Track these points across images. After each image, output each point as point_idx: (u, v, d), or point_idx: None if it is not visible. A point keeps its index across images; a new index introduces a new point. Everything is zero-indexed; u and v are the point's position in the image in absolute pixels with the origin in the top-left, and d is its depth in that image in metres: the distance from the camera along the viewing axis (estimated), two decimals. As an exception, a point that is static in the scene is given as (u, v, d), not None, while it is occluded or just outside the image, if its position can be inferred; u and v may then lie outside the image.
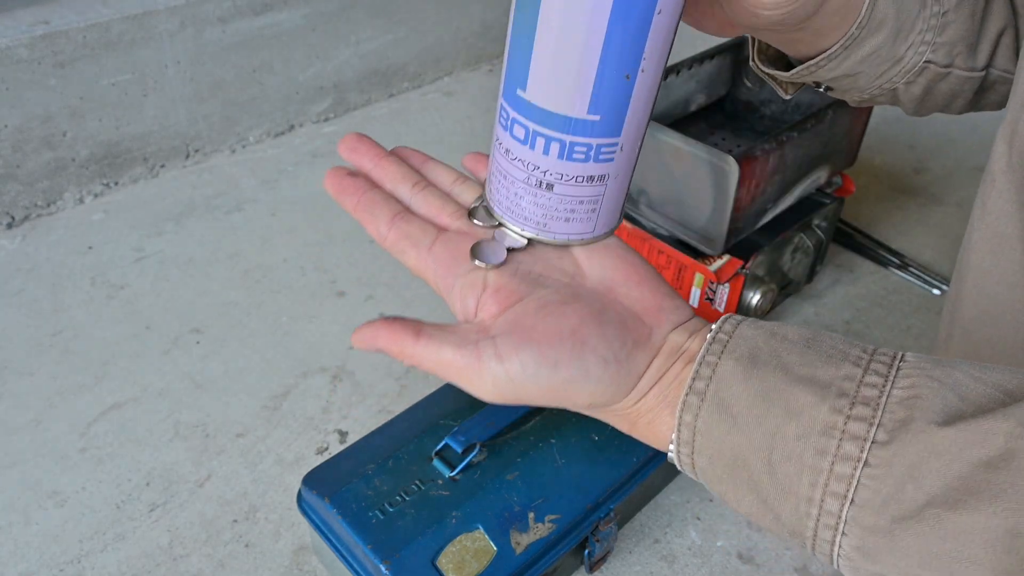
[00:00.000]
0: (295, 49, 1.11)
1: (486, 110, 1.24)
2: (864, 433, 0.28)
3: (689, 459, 0.32)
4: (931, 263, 0.93)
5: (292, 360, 0.77)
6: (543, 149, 0.34)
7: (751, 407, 0.30)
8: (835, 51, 0.46)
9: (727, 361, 0.31)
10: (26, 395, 0.72)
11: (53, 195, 0.96)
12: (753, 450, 0.30)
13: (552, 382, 0.32)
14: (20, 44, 0.87)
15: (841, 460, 0.28)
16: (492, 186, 0.38)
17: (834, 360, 0.30)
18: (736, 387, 0.30)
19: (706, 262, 0.77)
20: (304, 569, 0.59)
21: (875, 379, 0.29)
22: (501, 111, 0.36)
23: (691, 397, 0.31)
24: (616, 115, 0.33)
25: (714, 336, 0.32)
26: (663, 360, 0.33)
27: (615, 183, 0.36)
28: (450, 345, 0.32)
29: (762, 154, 0.71)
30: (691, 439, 0.31)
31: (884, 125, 1.19)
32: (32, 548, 0.60)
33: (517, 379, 0.32)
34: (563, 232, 0.37)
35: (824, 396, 0.29)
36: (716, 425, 0.31)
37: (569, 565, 0.57)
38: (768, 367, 0.30)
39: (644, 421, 0.33)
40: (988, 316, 0.46)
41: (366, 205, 0.37)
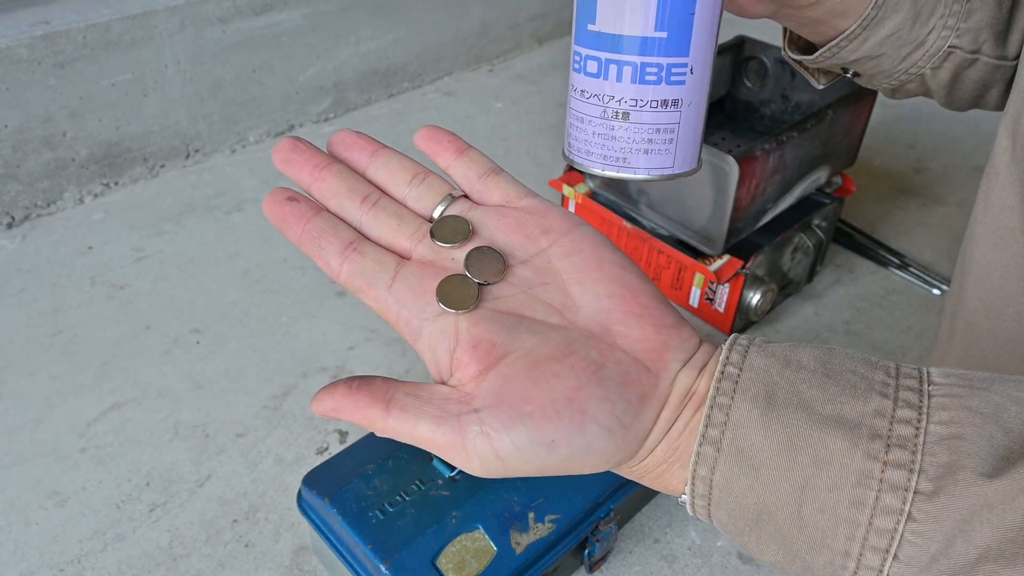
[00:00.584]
0: (295, 49, 1.11)
1: (486, 110, 1.24)
2: (905, 482, 0.25)
3: (705, 511, 0.29)
4: (931, 263, 0.93)
5: (292, 360, 0.77)
6: (616, 76, 0.35)
7: (775, 457, 0.27)
8: (854, 31, 0.47)
9: (741, 403, 0.28)
10: (26, 395, 0.72)
11: (53, 195, 0.96)
12: (780, 504, 0.27)
13: (549, 462, 0.28)
14: (20, 44, 0.87)
15: (881, 513, 0.25)
16: (570, 136, 0.39)
17: (859, 391, 0.27)
18: (755, 434, 0.27)
19: (706, 262, 0.77)
20: (304, 569, 0.59)
21: (908, 413, 0.27)
22: (574, 57, 0.37)
23: (705, 448, 0.28)
24: (682, 32, 0.34)
25: (722, 371, 0.28)
26: (671, 411, 0.29)
27: (690, 111, 0.36)
28: (428, 419, 0.28)
29: (762, 154, 0.71)
30: (707, 493, 0.28)
31: (884, 125, 1.19)
32: (32, 548, 0.60)
33: (509, 459, 0.27)
34: (644, 166, 0.37)
35: (856, 440, 0.26)
36: (736, 479, 0.27)
37: (569, 565, 0.57)
38: (788, 407, 0.27)
39: (652, 476, 0.30)
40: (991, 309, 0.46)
41: (311, 236, 0.32)
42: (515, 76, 1.35)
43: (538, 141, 1.15)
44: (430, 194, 0.34)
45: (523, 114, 1.23)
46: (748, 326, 0.82)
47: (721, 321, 0.80)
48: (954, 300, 0.50)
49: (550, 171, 1.07)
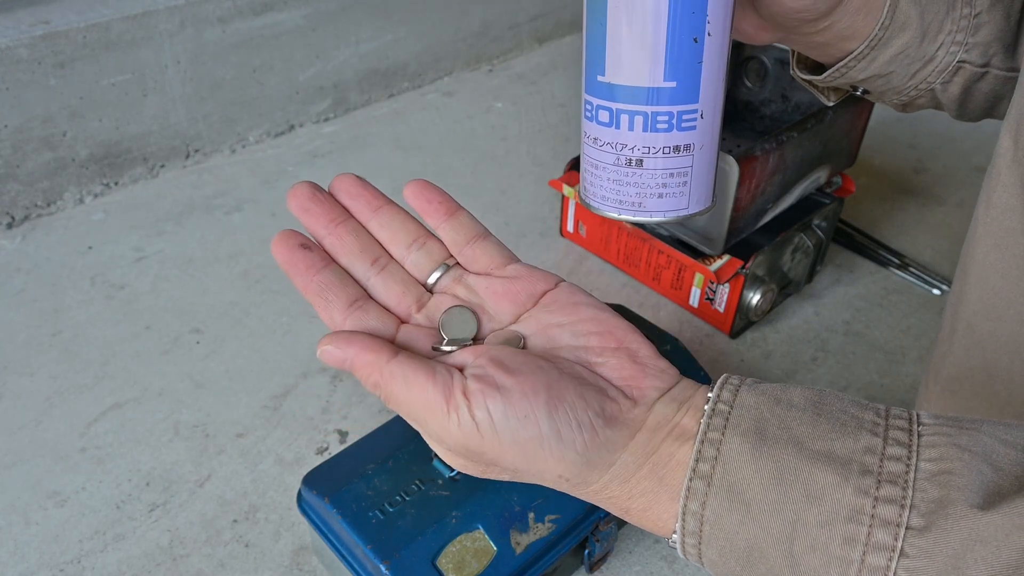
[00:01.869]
0: (295, 49, 1.11)
1: (486, 110, 1.24)
2: (896, 517, 0.25)
3: (696, 550, 0.29)
4: (931, 263, 0.93)
5: (292, 360, 0.77)
6: (628, 125, 0.36)
7: (765, 492, 0.27)
8: (862, 51, 0.48)
9: (732, 438, 0.28)
10: (26, 395, 0.72)
11: (53, 195, 0.96)
12: (771, 541, 0.27)
13: (519, 437, 0.28)
14: (20, 44, 0.87)
15: (874, 550, 0.25)
16: (586, 182, 0.40)
17: (849, 429, 0.27)
18: (746, 468, 0.27)
19: (706, 262, 0.77)
20: (304, 569, 0.59)
21: (898, 450, 0.27)
22: (585, 106, 0.38)
23: (696, 482, 0.28)
24: (691, 80, 0.35)
25: (713, 408, 0.29)
26: (649, 435, 0.30)
27: (702, 154, 0.37)
28: (425, 372, 0.30)
29: (762, 154, 0.71)
30: (698, 529, 0.28)
31: (884, 125, 1.19)
32: (32, 548, 0.60)
33: (484, 428, 0.29)
34: (659, 209, 0.38)
35: (846, 475, 0.26)
36: (727, 514, 0.27)
37: (569, 565, 0.57)
38: (779, 443, 0.27)
39: (638, 507, 0.30)
40: (992, 310, 0.46)
41: (318, 288, 0.34)
42: (515, 76, 1.35)
43: (538, 141, 1.15)
44: (428, 260, 0.36)
45: (523, 114, 1.23)
46: (748, 326, 0.82)
47: (721, 321, 0.80)
48: (955, 301, 0.50)
49: (550, 171, 1.07)
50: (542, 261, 0.91)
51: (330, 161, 1.09)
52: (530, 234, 0.96)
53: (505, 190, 1.04)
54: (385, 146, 1.14)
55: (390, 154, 1.12)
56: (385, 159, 1.10)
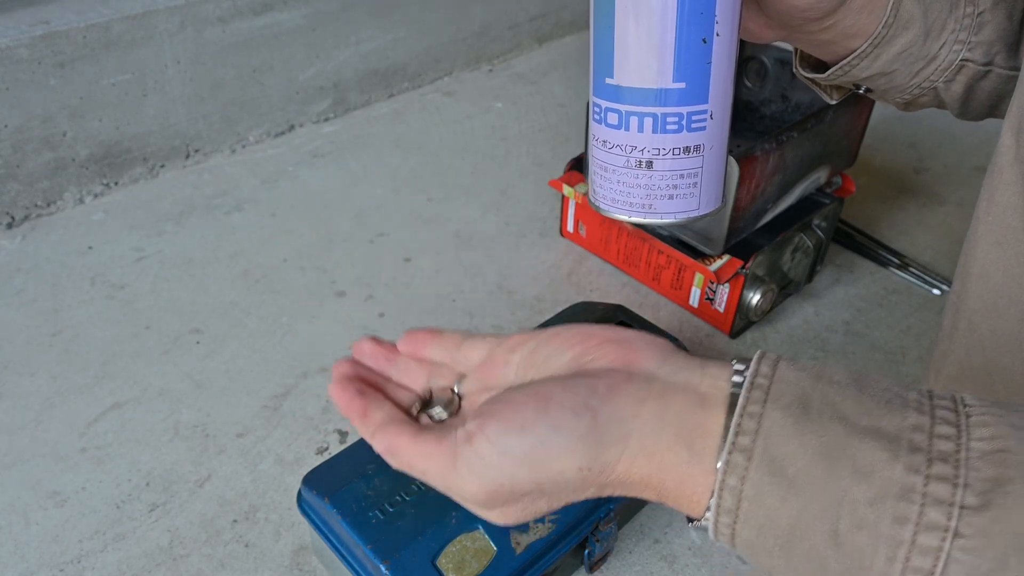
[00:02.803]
0: (295, 49, 1.11)
1: (486, 110, 1.24)
2: (949, 496, 0.24)
3: (729, 529, 0.27)
4: (931, 263, 0.93)
5: (292, 360, 0.77)
6: (638, 127, 0.36)
7: (810, 467, 0.25)
8: (865, 49, 0.48)
9: (773, 411, 0.27)
10: (26, 395, 0.72)
11: (53, 195, 0.96)
12: (815, 519, 0.25)
13: (523, 448, 0.28)
14: (20, 44, 0.87)
15: (926, 530, 0.24)
16: (595, 184, 0.40)
17: (895, 406, 0.26)
18: (790, 443, 0.26)
19: (706, 262, 0.77)
20: (304, 569, 0.59)
21: (946, 429, 0.26)
22: (593, 109, 0.38)
23: (736, 456, 0.26)
24: (700, 80, 0.35)
25: (752, 381, 0.28)
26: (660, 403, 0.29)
27: (712, 155, 0.37)
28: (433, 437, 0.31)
29: (762, 154, 0.71)
30: (735, 507, 0.27)
31: (884, 125, 1.19)
32: (32, 548, 0.60)
33: (488, 457, 0.29)
34: (669, 211, 0.38)
35: (896, 452, 0.25)
36: (768, 490, 0.26)
37: (569, 565, 0.57)
38: (824, 417, 0.26)
39: (671, 484, 0.29)
40: (993, 308, 0.46)
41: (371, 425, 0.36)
42: (515, 76, 1.35)
43: (538, 141, 1.15)
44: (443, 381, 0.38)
45: (523, 114, 1.23)
46: (748, 326, 0.82)
47: (721, 321, 0.80)
48: (956, 299, 0.50)
49: (550, 171, 1.07)
50: (542, 261, 0.91)
51: (330, 161, 1.09)
52: (530, 234, 0.96)
53: (505, 190, 1.04)
54: (385, 146, 1.13)
55: (390, 154, 1.12)
56: (385, 159, 1.10)
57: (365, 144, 1.14)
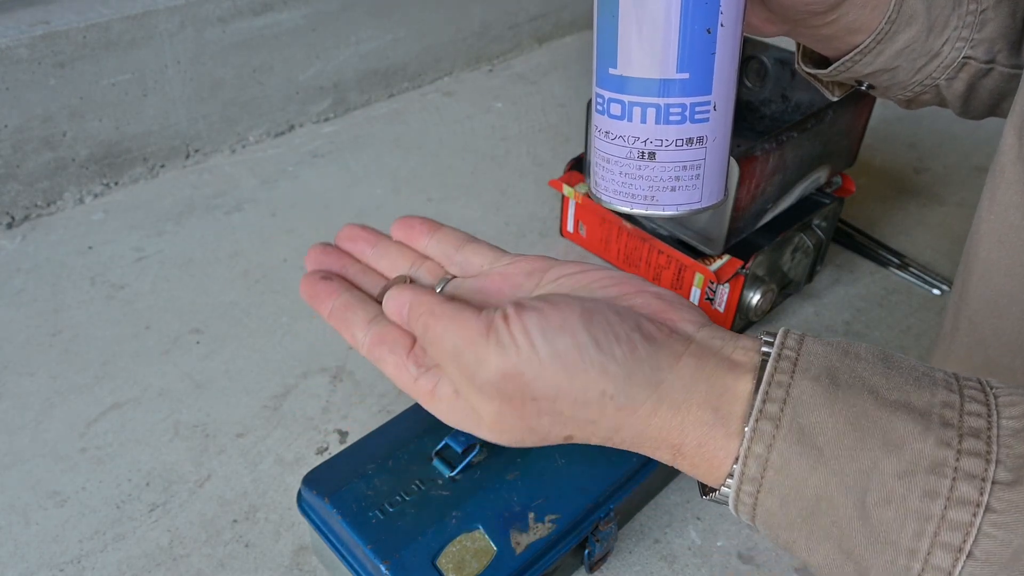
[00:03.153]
0: (295, 49, 1.11)
1: (486, 110, 1.24)
2: (981, 471, 0.24)
3: (751, 499, 0.27)
4: (931, 263, 0.92)
5: (292, 360, 0.77)
6: (640, 118, 0.36)
7: (840, 437, 0.25)
8: (868, 45, 0.48)
9: (803, 381, 0.26)
10: (26, 395, 0.72)
11: (53, 195, 0.96)
12: (842, 491, 0.25)
13: (558, 346, 0.27)
14: (20, 44, 0.87)
15: (956, 504, 0.24)
16: (597, 176, 0.39)
17: (924, 383, 0.26)
18: (819, 412, 0.26)
19: (706, 262, 0.77)
20: (304, 569, 0.59)
21: (976, 407, 0.25)
22: (596, 99, 0.38)
23: (763, 423, 0.26)
24: (704, 71, 0.35)
25: (779, 353, 0.27)
26: (696, 361, 0.28)
27: (715, 146, 0.37)
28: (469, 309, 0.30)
29: (762, 154, 0.71)
30: (759, 475, 0.26)
31: (884, 125, 1.19)
32: (32, 548, 0.60)
33: (521, 343, 0.28)
34: (671, 203, 0.37)
35: (927, 426, 0.25)
36: (796, 459, 0.26)
37: (569, 565, 0.57)
38: (853, 389, 0.26)
39: (692, 442, 0.28)
40: (995, 308, 0.46)
41: (339, 311, 0.36)
42: (515, 76, 1.35)
43: (538, 141, 1.15)
44: (428, 276, 0.37)
45: (523, 114, 1.23)
46: (748, 326, 0.82)
47: (721, 321, 0.80)
48: (957, 298, 0.50)
49: (550, 171, 1.07)
50: (542, 261, 0.91)
51: (330, 161, 1.09)
52: (530, 234, 0.96)
53: (505, 190, 1.04)
54: (385, 146, 1.14)
55: (390, 154, 1.12)
56: (385, 159, 1.10)
57: (365, 144, 1.14)
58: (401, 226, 0.39)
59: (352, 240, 0.39)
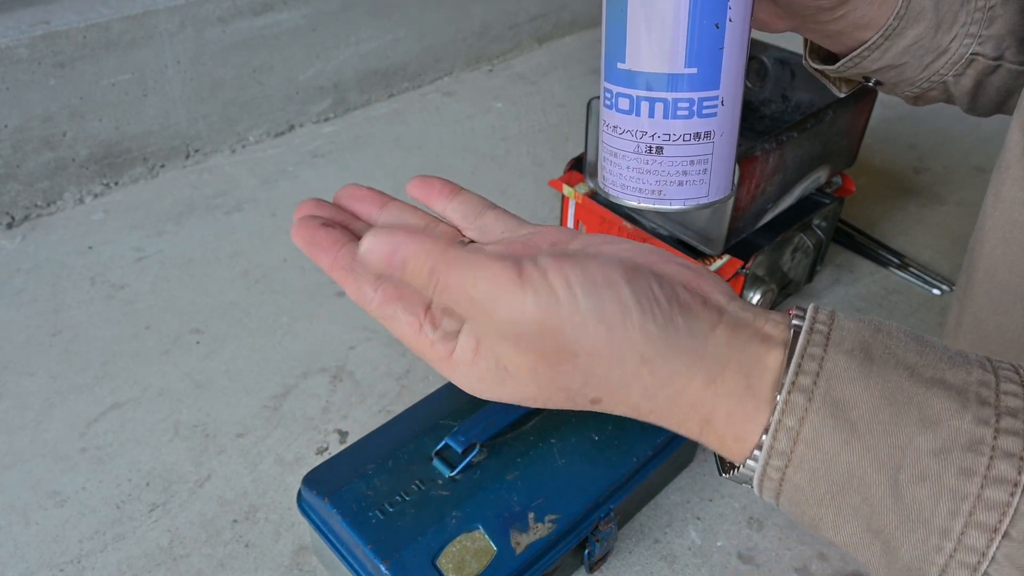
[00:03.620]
0: (295, 49, 1.11)
1: (486, 110, 1.24)
2: (1020, 450, 0.23)
3: (779, 473, 0.26)
4: (931, 263, 0.92)
5: (292, 360, 0.77)
6: (648, 112, 0.36)
7: (875, 412, 0.24)
8: (876, 41, 0.48)
9: (836, 355, 0.25)
10: (26, 395, 0.72)
11: (53, 195, 0.96)
12: (875, 467, 0.24)
13: (600, 303, 0.26)
14: (20, 44, 0.87)
15: (994, 483, 0.23)
16: (604, 171, 0.39)
17: (958, 362, 0.26)
18: (854, 386, 0.25)
19: (706, 262, 0.77)
20: (304, 569, 0.59)
21: (1013, 387, 0.25)
22: (605, 94, 0.38)
23: (796, 395, 0.25)
24: (712, 66, 0.35)
25: (811, 327, 0.26)
26: (730, 331, 0.27)
27: (722, 141, 0.37)
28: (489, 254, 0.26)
29: (762, 154, 0.71)
30: (789, 449, 0.25)
31: (884, 125, 1.19)
32: (32, 548, 0.60)
33: (561, 295, 0.25)
34: (679, 197, 0.38)
35: (964, 403, 0.24)
36: (828, 433, 0.25)
37: (569, 565, 0.57)
38: (888, 364, 0.25)
39: (721, 415, 0.27)
40: (999, 304, 0.46)
41: (345, 261, 0.31)
42: (515, 76, 1.35)
43: (538, 141, 1.15)
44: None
45: (523, 114, 1.23)
46: (748, 326, 0.82)
47: (721, 321, 0.80)
48: (961, 295, 0.50)
49: (550, 171, 1.07)
50: (542, 261, 0.91)
51: (330, 161, 1.09)
52: (530, 234, 0.96)
53: (505, 190, 1.04)
54: (385, 146, 1.14)
55: (390, 154, 1.12)
56: (385, 159, 1.10)
57: (365, 144, 1.14)
58: (419, 184, 0.35)
59: (356, 200, 0.35)
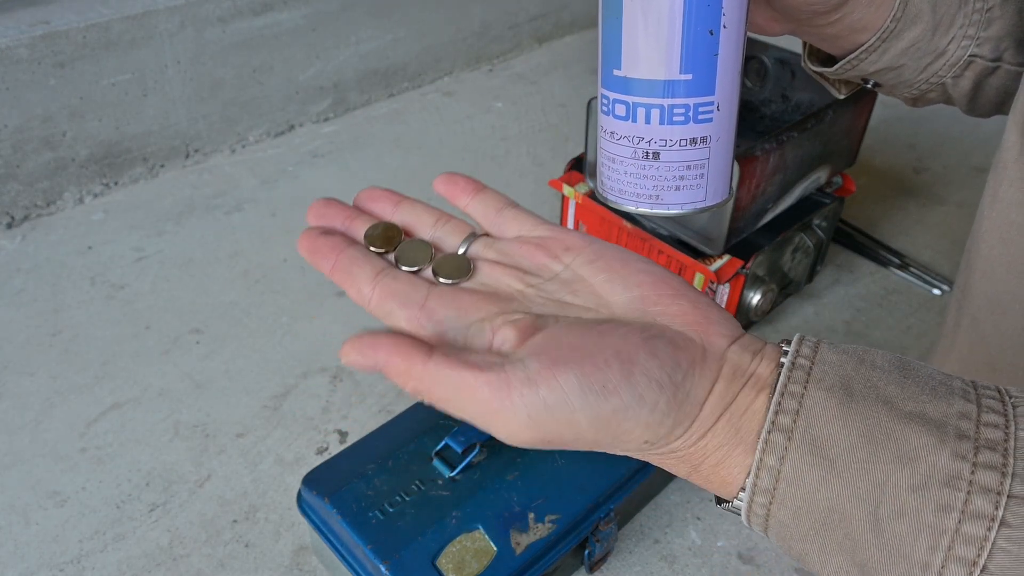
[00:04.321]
0: (295, 49, 1.11)
1: (486, 110, 1.24)
2: (996, 485, 0.23)
3: (764, 510, 0.27)
4: (931, 263, 0.92)
5: (292, 360, 0.77)
6: (645, 118, 0.36)
7: (852, 450, 0.25)
8: (873, 43, 0.48)
9: (816, 392, 0.26)
10: (26, 395, 0.72)
11: (53, 195, 0.96)
12: (855, 503, 0.25)
13: (600, 411, 0.26)
14: (20, 44, 0.87)
15: (971, 519, 0.23)
16: (603, 176, 0.40)
17: (940, 393, 0.26)
18: (832, 424, 0.25)
19: (706, 262, 0.77)
20: (304, 569, 0.59)
21: (994, 418, 0.25)
22: (602, 100, 0.38)
23: (775, 435, 0.26)
24: (707, 72, 0.35)
25: (793, 361, 0.27)
26: (726, 385, 0.28)
27: (719, 146, 0.37)
28: (471, 367, 0.26)
29: (762, 154, 0.71)
30: (771, 487, 0.26)
31: (884, 125, 1.19)
32: (32, 548, 0.60)
33: (558, 409, 0.26)
34: (676, 202, 0.38)
35: (942, 438, 0.24)
36: (808, 471, 0.25)
37: (569, 565, 0.57)
38: (867, 400, 0.25)
39: (710, 463, 0.28)
40: (997, 305, 0.46)
41: (344, 265, 0.32)
42: (515, 76, 1.35)
43: (538, 141, 1.15)
44: (453, 234, 0.35)
45: (523, 114, 1.23)
46: (748, 326, 0.82)
47: (721, 321, 0.80)
48: (959, 295, 0.50)
49: (550, 171, 1.07)
50: (542, 261, 0.91)
51: (330, 161, 1.09)
52: (530, 234, 0.96)
53: (505, 190, 1.03)
54: (385, 146, 1.14)
55: (390, 154, 1.12)
56: (385, 159, 1.10)
57: (365, 144, 1.14)
58: (444, 181, 0.36)
59: (373, 200, 0.36)
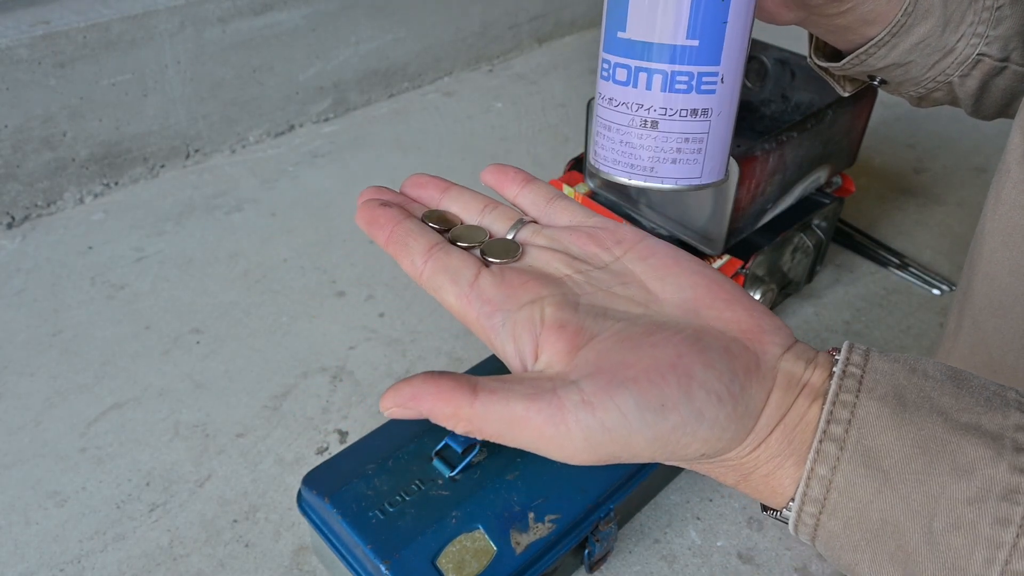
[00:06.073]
0: (295, 49, 1.11)
1: (486, 110, 1.24)
2: None
3: (813, 520, 0.26)
4: (931, 263, 0.93)
5: (292, 360, 0.77)
6: (646, 84, 0.35)
7: (907, 461, 0.24)
8: (882, 38, 0.47)
9: (868, 402, 0.25)
10: (26, 395, 0.72)
11: (53, 195, 0.96)
12: (909, 515, 0.24)
13: (660, 430, 0.25)
14: (20, 44, 0.87)
15: None
16: (597, 145, 0.38)
17: (995, 404, 0.25)
18: (886, 434, 0.25)
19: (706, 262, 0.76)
20: (304, 569, 0.59)
21: None
22: (602, 64, 0.37)
23: (827, 445, 0.25)
24: (714, 40, 0.34)
25: (843, 370, 0.26)
26: (782, 395, 0.27)
27: (719, 121, 0.36)
28: (520, 397, 0.25)
29: (762, 154, 0.71)
30: (822, 497, 0.26)
31: (884, 125, 1.19)
32: (32, 548, 0.60)
33: (617, 430, 0.25)
34: (671, 176, 0.37)
35: (999, 450, 0.24)
36: (861, 482, 0.25)
37: (569, 565, 0.57)
38: (921, 410, 0.25)
39: (761, 473, 0.27)
40: (999, 308, 0.46)
41: (400, 236, 0.32)
42: (515, 76, 1.35)
43: (538, 141, 1.15)
44: (501, 220, 0.34)
45: (523, 114, 1.23)
46: (748, 326, 0.82)
47: (721, 321, 0.80)
48: (961, 297, 0.50)
49: (550, 171, 1.07)
50: (542, 261, 0.91)
51: (330, 161, 1.09)
52: (530, 234, 0.96)
53: (505, 190, 1.04)
54: (385, 146, 1.14)
55: (390, 154, 1.12)
56: (385, 159, 1.10)
57: (365, 144, 1.14)
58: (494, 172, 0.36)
59: (419, 187, 0.36)
